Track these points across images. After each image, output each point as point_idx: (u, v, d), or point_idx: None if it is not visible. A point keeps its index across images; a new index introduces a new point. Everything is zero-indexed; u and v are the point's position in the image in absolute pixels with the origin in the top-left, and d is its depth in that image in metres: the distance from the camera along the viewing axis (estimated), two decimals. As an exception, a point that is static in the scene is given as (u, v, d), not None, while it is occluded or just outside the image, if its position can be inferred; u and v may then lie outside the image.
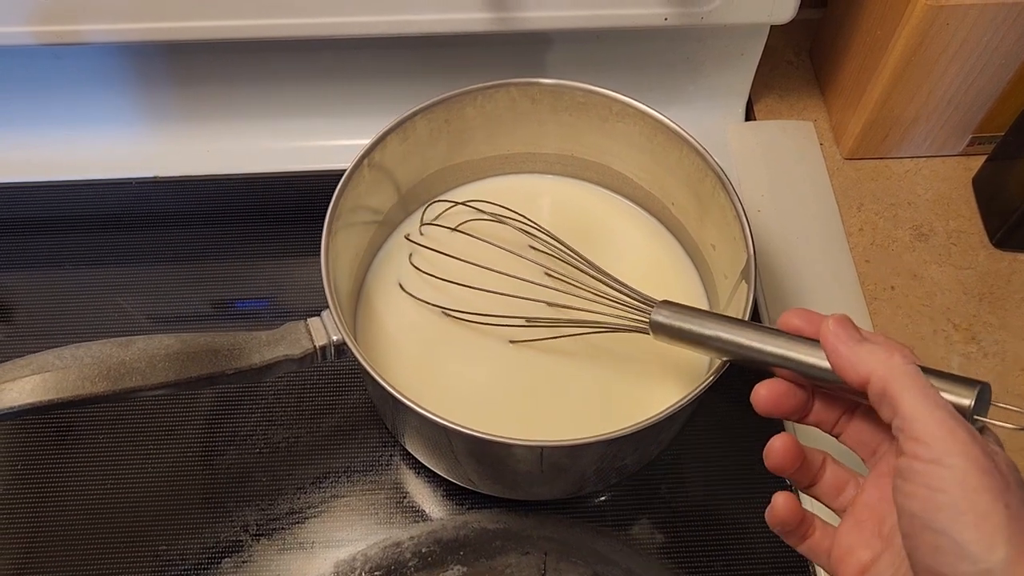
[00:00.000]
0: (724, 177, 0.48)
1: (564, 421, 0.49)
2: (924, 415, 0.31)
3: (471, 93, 0.51)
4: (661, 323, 0.43)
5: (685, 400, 0.41)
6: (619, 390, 0.50)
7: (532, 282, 0.50)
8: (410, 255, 0.54)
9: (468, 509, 0.50)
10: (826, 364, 0.36)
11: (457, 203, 0.55)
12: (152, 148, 0.63)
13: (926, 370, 0.35)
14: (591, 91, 0.51)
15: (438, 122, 0.51)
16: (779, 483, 0.51)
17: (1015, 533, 0.29)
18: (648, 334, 0.44)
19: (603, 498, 0.51)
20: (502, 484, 0.48)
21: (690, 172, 0.50)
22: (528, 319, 0.50)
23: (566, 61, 0.61)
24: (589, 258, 0.50)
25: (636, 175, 0.55)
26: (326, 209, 0.46)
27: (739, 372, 0.41)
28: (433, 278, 0.52)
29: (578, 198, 0.57)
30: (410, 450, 0.50)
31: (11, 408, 0.37)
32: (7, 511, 0.50)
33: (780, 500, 0.38)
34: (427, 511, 0.50)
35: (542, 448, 0.42)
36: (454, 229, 0.54)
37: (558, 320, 0.49)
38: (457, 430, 0.40)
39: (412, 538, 0.49)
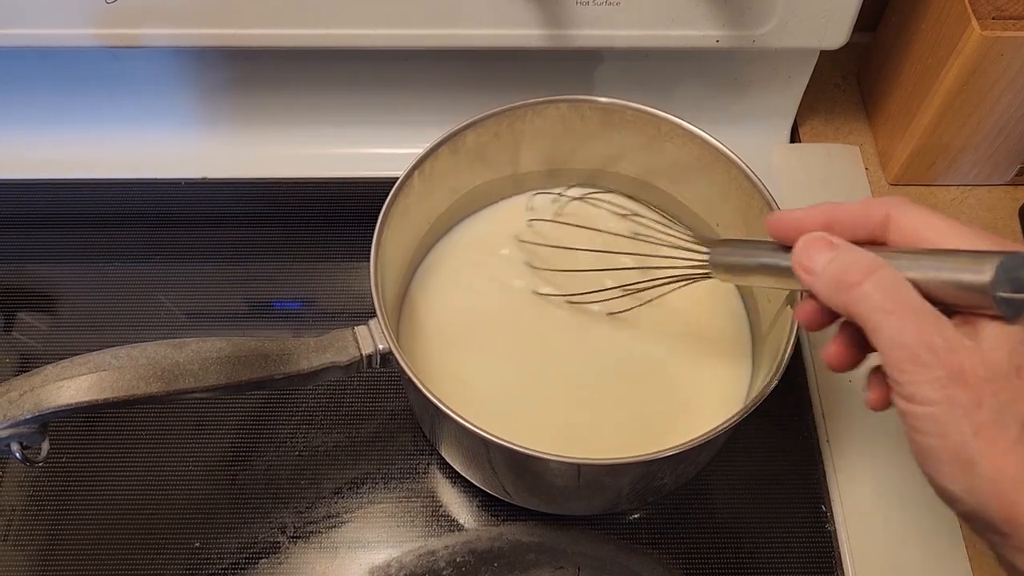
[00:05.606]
0: (772, 201, 0.48)
1: (605, 434, 0.49)
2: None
3: (522, 108, 0.51)
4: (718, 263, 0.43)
5: (727, 424, 0.41)
6: (661, 406, 0.50)
7: (615, 252, 0.51)
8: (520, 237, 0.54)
9: (503, 521, 0.51)
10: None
11: (564, 195, 0.56)
12: (202, 150, 0.64)
13: (938, 252, 0.33)
14: (641, 110, 0.51)
15: (488, 136, 0.52)
16: (808, 511, 0.51)
17: None
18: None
19: (637, 516, 0.51)
20: (538, 498, 0.49)
21: (737, 194, 0.50)
22: (617, 288, 0.50)
23: (613, 78, 0.61)
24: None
25: (681, 194, 0.55)
26: (370, 215, 0.47)
27: (774, 393, 0.42)
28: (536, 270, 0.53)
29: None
30: (447, 459, 0.50)
31: (68, 405, 0.38)
32: (46, 501, 0.51)
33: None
34: (462, 521, 0.51)
35: (579, 465, 0.42)
36: (555, 222, 0.55)
37: (639, 283, 0.50)
38: (496, 442, 0.41)
39: (447, 547, 0.50)
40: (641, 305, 0.51)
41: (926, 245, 0.34)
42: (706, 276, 0.45)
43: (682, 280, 0.47)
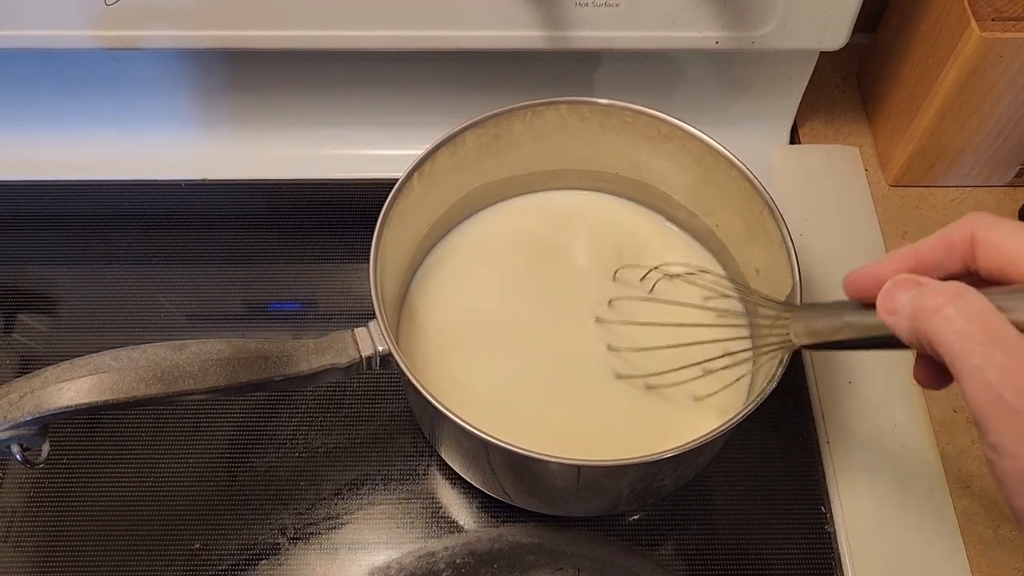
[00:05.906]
0: (772, 204, 0.48)
1: (605, 436, 0.49)
2: None
3: (521, 109, 0.51)
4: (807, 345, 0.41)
5: (727, 425, 0.41)
6: (661, 407, 0.50)
7: (690, 325, 0.49)
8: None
9: (503, 522, 0.51)
10: None
11: (649, 268, 0.53)
12: (202, 151, 0.64)
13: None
14: (640, 111, 0.51)
15: (487, 137, 0.52)
16: (808, 512, 0.51)
17: None
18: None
19: (636, 517, 0.51)
20: (538, 499, 0.49)
21: (737, 196, 0.50)
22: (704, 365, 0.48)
23: (613, 79, 0.61)
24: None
25: (681, 195, 0.55)
26: (370, 217, 0.47)
27: (774, 394, 0.42)
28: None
29: (622, 216, 0.57)
30: (447, 460, 0.50)
31: (69, 406, 0.38)
32: (46, 502, 0.51)
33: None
34: (462, 522, 0.51)
35: (579, 466, 0.42)
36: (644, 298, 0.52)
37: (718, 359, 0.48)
38: (496, 444, 0.41)
39: (447, 548, 0.50)
40: (726, 387, 0.48)
41: (1017, 265, 0.30)
42: (786, 342, 0.42)
43: (765, 351, 0.44)
